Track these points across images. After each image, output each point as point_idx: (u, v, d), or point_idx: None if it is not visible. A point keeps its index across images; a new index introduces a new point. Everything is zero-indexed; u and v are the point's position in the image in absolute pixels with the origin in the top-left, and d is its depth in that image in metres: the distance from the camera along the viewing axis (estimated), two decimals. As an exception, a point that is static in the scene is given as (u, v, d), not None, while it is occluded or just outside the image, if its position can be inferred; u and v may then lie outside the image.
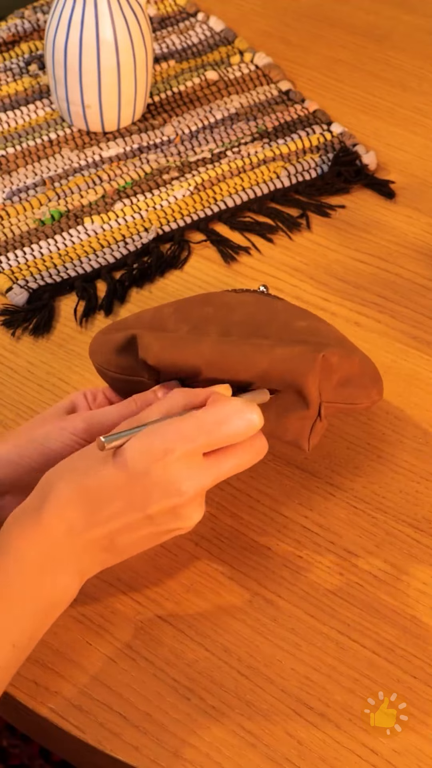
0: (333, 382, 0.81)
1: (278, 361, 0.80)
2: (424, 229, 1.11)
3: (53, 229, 1.10)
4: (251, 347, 0.80)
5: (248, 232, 1.11)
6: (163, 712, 0.77)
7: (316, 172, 1.16)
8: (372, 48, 1.32)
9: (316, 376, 0.80)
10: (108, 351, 0.84)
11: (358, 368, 0.83)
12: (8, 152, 1.17)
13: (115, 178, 1.15)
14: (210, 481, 0.75)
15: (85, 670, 0.78)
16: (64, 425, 0.80)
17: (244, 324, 0.83)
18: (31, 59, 1.28)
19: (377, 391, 0.85)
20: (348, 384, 0.83)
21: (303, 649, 0.80)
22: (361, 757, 0.75)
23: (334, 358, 0.81)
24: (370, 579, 0.84)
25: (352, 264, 1.08)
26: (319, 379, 0.80)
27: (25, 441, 0.80)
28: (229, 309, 0.85)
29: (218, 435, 0.74)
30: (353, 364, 0.83)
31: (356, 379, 0.83)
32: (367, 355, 0.86)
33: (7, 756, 1.34)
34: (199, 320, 0.84)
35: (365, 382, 0.84)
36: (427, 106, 1.25)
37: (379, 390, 0.86)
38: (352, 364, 0.83)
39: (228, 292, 0.90)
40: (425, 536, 0.86)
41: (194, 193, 1.13)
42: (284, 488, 0.89)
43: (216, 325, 0.83)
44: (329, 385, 0.81)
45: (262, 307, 0.85)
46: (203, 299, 0.87)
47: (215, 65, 1.28)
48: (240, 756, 0.75)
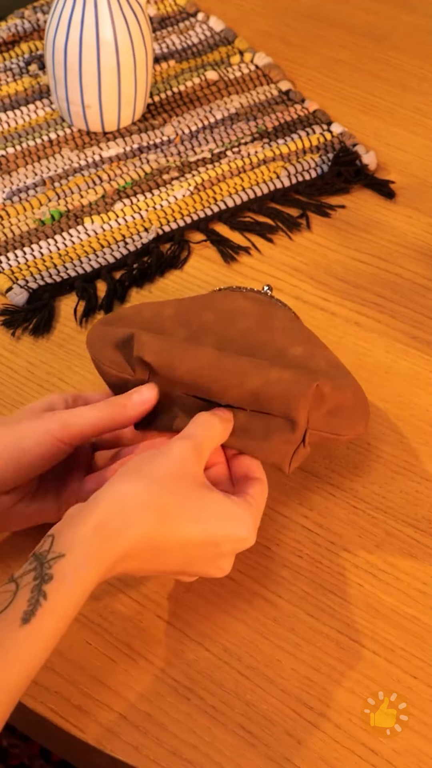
0: (322, 411, 0.82)
1: (273, 382, 0.80)
2: (424, 229, 1.11)
3: (53, 229, 1.10)
4: (249, 364, 0.80)
5: (248, 232, 1.11)
6: (163, 712, 0.77)
7: (316, 172, 1.16)
8: (372, 48, 1.32)
9: (307, 403, 0.80)
10: (104, 344, 0.84)
11: (350, 400, 0.83)
12: (8, 152, 1.18)
13: (115, 178, 1.15)
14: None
15: (85, 670, 0.79)
16: (38, 423, 0.79)
17: (240, 342, 0.83)
18: (31, 59, 1.28)
19: (363, 424, 0.85)
20: (336, 415, 0.82)
21: (303, 649, 0.80)
22: (361, 757, 0.75)
23: (327, 389, 0.81)
24: (370, 579, 0.84)
25: (352, 264, 1.08)
26: (309, 407, 0.80)
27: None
28: (228, 319, 0.84)
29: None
30: (345, 396, 0.83)
31: (345, 411, 0.83)
32: (359, 386, 0.85)
33: (7, 756, 1.34)
34: (198, 328, 0.84)
35: (354, 414, 0.84)
36: (427, 106, 1.25)
37: (366, 423, 0.86)
38: (345, 395, 0.83)
39: (233, 290, 0.90)
40: (425, 536, 0.86)
41: (194, 193, 1.13)
42: (284, 488, 0.89)
43: (213, 337, 0.83)
44: (318, 414, 0.81)
45: (262, 324, 0.85)
46: (205, 303, 0.86)
47: (215, 65, 1.28)
48: (240, 756, 0.75)
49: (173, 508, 0.74)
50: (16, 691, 0.68)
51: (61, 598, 0.69)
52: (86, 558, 0.70)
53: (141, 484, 0.74)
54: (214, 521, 0.75)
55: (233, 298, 0.89)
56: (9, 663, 0.67)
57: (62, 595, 0.69)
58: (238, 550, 0.78)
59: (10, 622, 0.67)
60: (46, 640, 0.68)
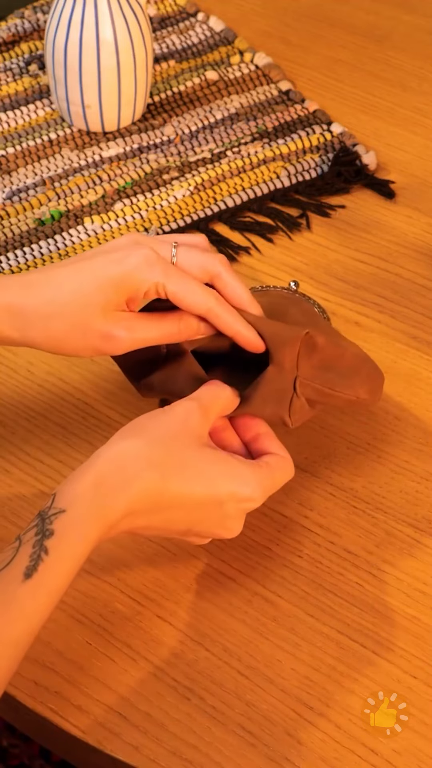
0: (313, 361, 0.83)
1: (268, 333, 0.82)
2: (424, 229, 1.11)
3: (53, 229, 1.10)
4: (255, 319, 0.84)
5: (248, 232, 1.11)
6: (163, 712, 0.77)
7: (316, 172, 1.16)
8: (372, 48, 1.32)
9: (296, 347, 0.81)
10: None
11: (349, 360, 0.84)
12: (8, 152, 1.17)
13: (115, 178, 1.15)
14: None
15: (85, 670, 0.78)
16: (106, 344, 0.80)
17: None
18: (31, 59, 1.28)
19: (367, 390, 0.85)
20: (331, 369, 0.83)
21: (303, 649, 0.80)
22: (361, 757, 0.75)
23: (320, 339, 0.82)
24: (370, 579, 0.84)
25: (352, 264, 1.08)
26: (298, 352, 0.82)
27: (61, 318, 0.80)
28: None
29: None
30: (343, 354, 0.84)
31: (343, 369, 0.84)
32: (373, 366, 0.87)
33: (7, 756, 1.34)
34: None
35: (352, 374, 0.84)
36: (427, 106, 1.25)
37: (371, 390, 0.86)
38: (342, 353, 0.84)
39: (256, 291, 0.92)
40: (425, 536, 0.86)
41: (194, 193, 1.13)
42: (284, 488, 0.89)
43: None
44: (308, 363, 0.82)
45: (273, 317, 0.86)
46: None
47: (215, 65, 1.28)
48: (240, 756, 0.75)
49: (174, 466, 0.74)
50: (20, 646, 0.68)
51: (63, 552, 0.70)
52: (87, 513, 0.71)
53: (141, 441, 0.74)
54: (216, 479, 0.76)
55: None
56: (12, 617, 0.67)
57: (64, 550, 0.70)
58: (245, 510, 0.78)
59: (13, 577, 0.68)
60: (48, 596, 0.69)
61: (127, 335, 0.80)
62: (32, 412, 0.95)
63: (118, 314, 0.80)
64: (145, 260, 0.80)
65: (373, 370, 0.87)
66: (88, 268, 0.80)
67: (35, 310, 0.80)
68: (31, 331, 0.81)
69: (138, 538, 0.85)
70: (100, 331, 0.80)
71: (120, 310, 0.80)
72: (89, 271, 0.80)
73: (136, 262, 0.79)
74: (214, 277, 0.82)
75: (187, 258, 0.82)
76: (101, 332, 0.80)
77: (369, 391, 0.85)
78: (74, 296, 0.80)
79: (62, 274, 0.81)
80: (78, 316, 0.80)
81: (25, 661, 0.78)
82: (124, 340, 0.80)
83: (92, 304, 0.79)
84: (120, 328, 0.80)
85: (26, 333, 0.81)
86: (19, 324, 0.80)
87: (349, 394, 0.84)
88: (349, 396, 0.85)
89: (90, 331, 0.80)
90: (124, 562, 0.84)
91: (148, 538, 0.84)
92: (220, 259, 0.83)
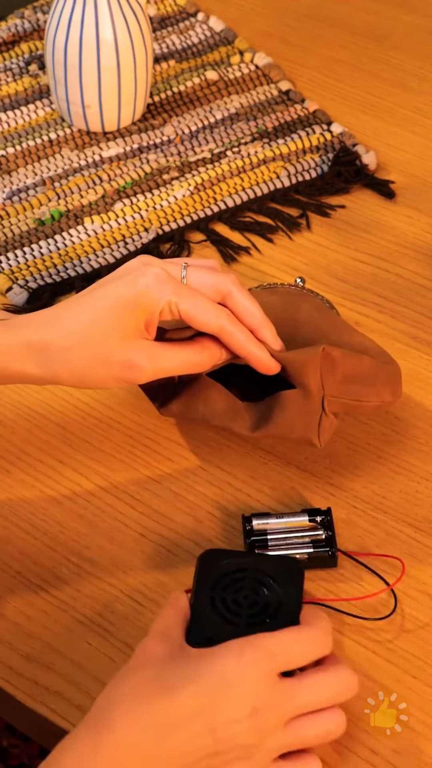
0: (337, 377, 0.83)
1: (288, 361, 0.82)
2: (424, 229, 1.11)
3: (53, 229, 1.10)
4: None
5: (248, 232, 1.11)
6: (163, 712, 0.76)
7: (316, 172, 1.16)
8: (372, 48, 1.32)
9: (317, 367, 0.82)
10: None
11: (368, 367, 0.84)
12: (8, 152, 1.17)
13: (115, 178, 1.15)
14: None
15: (85, 670, 0.78)
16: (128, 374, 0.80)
17: None
18: (31, 59, 1.28)
19: (390, 392, 0.86)
20: (354, 381, 0.84)
21: (303, 649, 0.80)
22: (361, 757, 0.75)
23: (336, 353, 0.83)
24: (370, 579, 0.84)
25: (352, 264, 1.08)
26: (320, 371, 0.82)
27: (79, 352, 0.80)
28: None
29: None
30: (361, 362, 0.84)
31: (365, 378, 0.84)
32: (388, 359, 0.87)
33: (7, 756, 1.34)
34: None
35: (375, 381, 0.85)
36: (427, 106, 1.25)
37: (393, 392, 0.86)
38: (360, 361, 0.84)
39: (264, 288, 0.92)
40: (425, 536, 0.86)
41: (194, 193, 1.13)
42: (284, 488, 0.89)
43: None
44: (333, 379, 0.83)
45: (286, 316, 0.87)
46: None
47: (215, 65, 1.28)
48: (240, 756, 0.75)
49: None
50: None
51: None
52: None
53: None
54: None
55: (261, 295, 0.91)
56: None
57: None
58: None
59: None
60: None
61: (150, 364, 0.80)
62: (32, 412, 0.95)
63: (138, 342, 0.80)
64: (156, 279, 0.79)
65: (390, 369, 0.87)
66: (102, 296, 0.80)
67: (56, 344, 0.80)
68: (53, 366, 0.80)
69: (139, 538, 0.85)
70: (122, 360, 0.79)
71: (140, 337, 0.80)
72: (103, 298, 0.80)
73: (146, 281, 0.79)
74: (226, 297, 0.82)
75: (198, 278, 0.82)
76: (122, 361, 0.79)
77: (392, 392, 0.86)
78: (92, 326, 0.79)
79: (79, 305, 0.81)
80: (98, 345, 0.79)
81: (25, 661, 0.78)
82: (146, 370, 0.80)
83: (111, 332, 0.79)
84: (142, 357, 0.79)
85: (49, 368, 0.81)
86: (42, 360, 0.81)
87: (374, 400, 0.85)
88: (375, 402, 0.85)
89: (111, 360, 0.80)
90: (124, 562, 0.84)
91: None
92: (231, 278, 0.82)
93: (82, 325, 0.80)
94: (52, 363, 0.80)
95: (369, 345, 0.88)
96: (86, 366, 0.80)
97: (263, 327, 0.83)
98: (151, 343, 0.80)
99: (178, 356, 0.81)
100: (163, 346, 0.81)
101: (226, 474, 0.90)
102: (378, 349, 0.88)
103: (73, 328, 0.80)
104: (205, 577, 0.77)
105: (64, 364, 0.80)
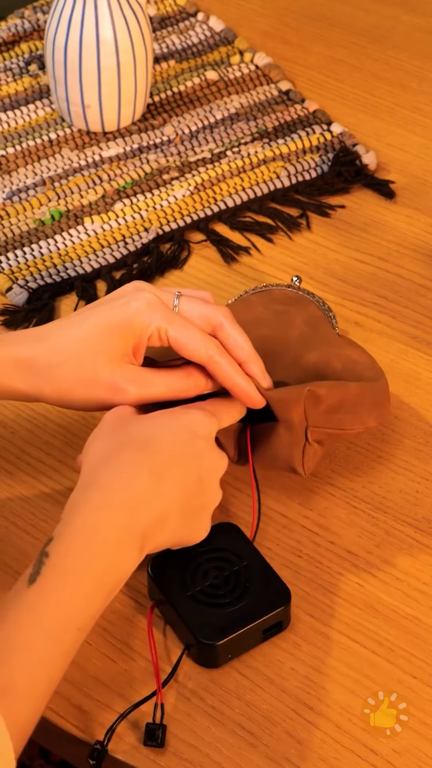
0: (320, 409, 0.84)
1: (273, 400, 0.83)
2: (424, 229, 1.11)
3: (53, 229, 1.10)
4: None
5: (248, 232, 1.11)
6: (163, 712, 0.76)
7: (316, 172, 1.16)
8: (372, 48, 1.32)
9: (301, 406, 0.83)
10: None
11: (354, 396, 0.85)
12: (8, 152, 1.18)
13: (115, 178, 1.15)
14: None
15: (85, 670, 0.78)
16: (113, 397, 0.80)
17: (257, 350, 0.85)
18: (31, 59, 1.28)
19: (374, 417, 0.87)
20: (338, 410, 0.85)
21: (303, 649, 0.80)
22: (361, 757, 0.75)
23: (322, 390, 0.83)
24: (370, 579, 0.84)
25: (352, 264, 1.08)
26: (303, 409, 0.83)
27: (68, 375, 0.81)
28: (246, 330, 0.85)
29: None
30: (347, 391, 0.85)
31: (349, 406, 0.85)
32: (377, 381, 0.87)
33: (7, 756, 1.34)
34: None
35: (359, 408, 0.86)
36: (427, 106, 1.25)
37: (378, 416, 0.87)
38: (346, 390, 0.85)
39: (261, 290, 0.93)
40: (425, 536, 0.86)
41: (194, 193, 1.13)
42: (284, 488, 0.89)
43: None
44: (316, 411, 0.84)
45: (278, 333, 0.87)
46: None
47: (215, 65, 1.28)
48: (240, 756, 0.75)
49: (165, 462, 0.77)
50: (37, 650, 0.68)
51: (62, 552, 0.70)
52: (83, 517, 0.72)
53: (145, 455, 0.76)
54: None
55: (253, 307, 0.92)
56: (19, 621, 0.68)
57: (62, 549, 0.70)
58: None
59: (20, 586, 0.69)
60: (53, 594, 0.69)
61: (135, 390, 0.80)
62: (33, 412, 0.95)
63: (125, 366, 0.80)
64: (147, 304, 0.80)
65: (378, 389, 0.87)
66: (93, 316, 0.81)
67: (43, 361, 0.80)
68: (39, 382, 0.81)
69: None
70: (107, 383, 0.80)
71: (127, 362, 0.80)
72: (94, 319, 0.81)
73: (138, 306, 0.80)
74: (216, 328, 0.82)
75: (189, 307, 0.82)
76: (108, 384, 0.80)
77: (377, 417, 0.87)
78: (80, 345, 0.80)
79: (70, 325, 0.82)
80: (85, 365, 0.80)
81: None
82: (131, 394, 0.80)
83: (98, 353, 0.79)
84: (127, 381, 0.80)
85: (35, 384, 0.81)
86: (28, 376, 0.81)
87: (358, 427, 0.86)
88: (359, 429, 0.86)
89: (97, 382, 0.80)
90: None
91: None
92: (222, 311, 0.83)
93: (71, 343, 0.80)
94: (38, 379, 0.81)
95: (358, 358, 0.88)
96: (71, 385, 0.80)
97: (252, 361, 0.83)
98: (138, 368, 0.81)
99: (164, 382, 0.81)
100: (149, 371, 0.81)
101: (225, 474, 0.90)
102: (368, 362, 0.88)
103: (61, 346, 0.80)
104: (170, 584, 0.79)
105: (50, 380, 0.80)
